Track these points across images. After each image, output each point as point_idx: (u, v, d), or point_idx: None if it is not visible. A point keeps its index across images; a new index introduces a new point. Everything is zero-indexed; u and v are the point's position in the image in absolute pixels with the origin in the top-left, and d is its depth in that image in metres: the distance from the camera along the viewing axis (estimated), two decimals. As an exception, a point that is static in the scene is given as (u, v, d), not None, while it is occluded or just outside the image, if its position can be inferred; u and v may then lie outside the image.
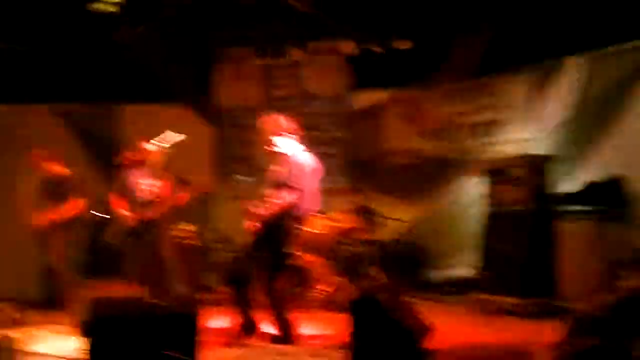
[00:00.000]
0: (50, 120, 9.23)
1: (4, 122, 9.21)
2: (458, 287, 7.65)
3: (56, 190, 6.83)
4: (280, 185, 5.08)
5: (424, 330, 4.54)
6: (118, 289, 6.10)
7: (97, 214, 5.88)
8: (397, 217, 8.15)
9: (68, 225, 6.83)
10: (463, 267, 7.86)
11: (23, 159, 6.73)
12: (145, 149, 6.22)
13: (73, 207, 6.70)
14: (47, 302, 6.74)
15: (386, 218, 7.89)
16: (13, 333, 5.31)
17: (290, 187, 5.01)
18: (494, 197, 6.97)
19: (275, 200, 5.04)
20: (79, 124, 9.38)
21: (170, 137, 5.24)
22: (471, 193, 8.02)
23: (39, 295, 7.00)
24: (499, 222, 6.78)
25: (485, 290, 6.78)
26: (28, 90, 8.93)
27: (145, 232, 6.46)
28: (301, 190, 5.06)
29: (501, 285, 6.54)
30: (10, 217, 6.62)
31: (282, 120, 5.32)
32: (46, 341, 5.10)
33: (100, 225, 6.87)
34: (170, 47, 9.14)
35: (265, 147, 5.23)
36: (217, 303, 7.12)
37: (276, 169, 5.17)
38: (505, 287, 6.49)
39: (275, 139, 5.19)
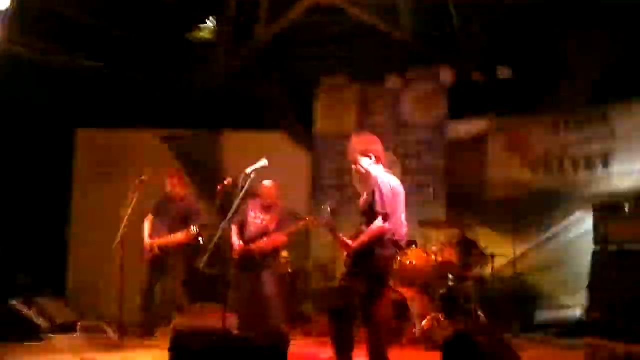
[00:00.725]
0: (157, 145, 9.62)
1: (114, 144, 9.68)
2: (567, 330, 7.17)
3: (176, 211, 7.04)
4: (369, 211, 4.89)
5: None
6: (213, 318, 6.10)
7: (203, 241, 5.97)
8: (500, 253, 7.76)
9: (184, 250, 7.02)
10: (572, 308, 7.40)
11: (132, 181, 6.91)
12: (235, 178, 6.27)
13: (189, 233, 6.85)
14: (147, 327, 6.84)
15: (488, 253, 7.52)
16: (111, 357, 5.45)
17: (379, 214, 4.83)
18: (605, 234, 6.54)
19: (364, 229, 4.88)
20: (184, 149, 9.71)
21: (260, 163, 5.21)
22: (581, 229, 7.58)
23: (139, 319, 7.10)
24: (610, 260, 6.34)
25: (596, 334, 6.31)
26: (137, 115, 9.36)
27: (251, 263, 6.54)
28: (391, 215, 4.86)
29: (614, 329, 6.07)
30: (115, 237, 6.81)
31: (372, 140, 5.14)
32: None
33: (205, 252, 6.99)
34: (271, 74, 9.28)
35: (353, 167, 5.06)
36: (313, 333, 7.14)
37: (365, 196, 5.01)
38: (619, 331, 6.02)
39: (362, 159, 5.00)
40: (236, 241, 6.66)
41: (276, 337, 4.26)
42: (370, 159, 5.04)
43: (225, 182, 5.70)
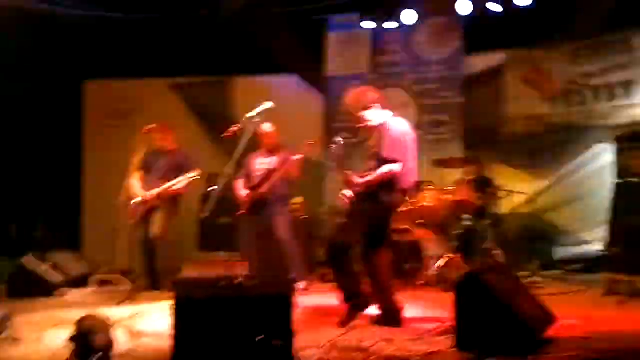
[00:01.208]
0: (166, 94, 9.59)
1: (123, 95, 9.60)
2: (586, 266, 7.06)
3: (164, 165, 6.95)
4: (378, 158, 4.75)
5: (542, 316, 4.15)
6: (221, 267, 6.06)
7: (211, 188, 5.87)
8: (518, 190, 7.60)
9: (174, 200, 6.95)
10: (592, 244, 7.25)
11: (138, 132, 6.83)
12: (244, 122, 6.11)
13: (181, 182, 6.77)
14: (150, 278, 6.82)
15: (506, 190, 7.36)
16: (121, 310, 5.46)
17: (387, 160, 4.69)
18: (627, 166, 6.28)
19: (372, 173, 4.74)
20: (193, 98, 9.67)
21: (262, 107, 5.04)
22: (601, 162, 7.36)
23: (142, 270, 7.10)
24: (632, 193, 6.11)
25: (616, 270, 6.17)
26: (145, 65, 9.25)
27: (260, 209, 6.43)
28: (400, 161, 4.71)
29: (634, 264, 5.91)
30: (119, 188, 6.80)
31: (367, 92, 4.95)
32: (148, 319, 5.11)
33: (213, 200, 6.95)
34: (279, 16, 9.04)
35: (357, 124, 4.90)
36: (327, 279, 7.09)
37: (372, 143, 4.85)
38: (639, 266, 5.86)
39: (364, 113, 4.84)
40: (242, 192, 6.55)
41: (281, 284, 4.17)
42: (372, 110, 4.85)
43: (234, 129, 5.54)
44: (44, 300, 6.29)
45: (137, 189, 6.89)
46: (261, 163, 6.61)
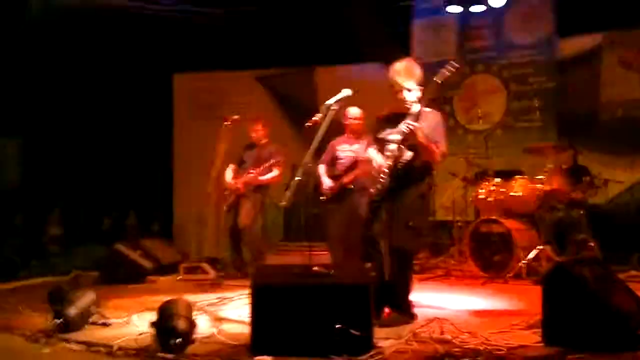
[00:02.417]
0: (252, 86, 9.71)
1: (213, 86, 9.79)
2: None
3: (256, 157, 7.12)
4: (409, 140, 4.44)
5: (636, 311, 3.90)
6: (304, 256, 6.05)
7: (298, 178, 5.89)
8: (616, 179, 7.25)
9: (262, 190, 7.08)
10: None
11: (226, 123, 7.00)
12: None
13: (271, 172, 6.94)
14: (237, 265, 6.96)
15: (602, 179, 7.03)
16: (206, 296, 5.57)
17: (439, 146, 4.51)
18: None
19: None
20: (277, 88, 9.78)
21: (341, 94, 4.97)
22: None
23: (229, 258, 7.25)
24: None
25: None
26: (231, 57, 9.41)
27: (344, 197, 6.40)
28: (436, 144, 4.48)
29: None
30: (208, 179, 6.97)
31: (415, 66, 4.64)
32: (232, 305, 5.19)
33: (292, 190, 7.00)
34: (364, 3, 8.97)
35: (397, 95, 4.53)
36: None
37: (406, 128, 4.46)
38: None
39: (408, 84, 4.48)
40: (326, 181, 6.48)
41: (360, 273, 4.11)
42: (414, 85, 4.53)
43: (315, 119, 5.51)
44: (134, 285, 6.50)
45: (229, 178, 7.14)
46: (346, 150, 6.52)
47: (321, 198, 6.39)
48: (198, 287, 6.24)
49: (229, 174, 7.21)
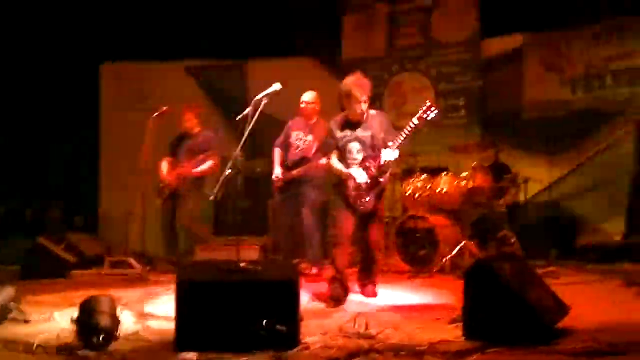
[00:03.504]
0: (182, 77, 9.55)
1: (141, 77, 9.59)
2: (605, 256, 6.89)
3: (189, 147, 6.99)
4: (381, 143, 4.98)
5: (555, 307, 4.05)
6: (231, 251, 6.02)
7: (227, 171, 5.84)
8: (536, 177, 7.47)
9: (200, 181, 6.96)
10: (611, 233, 7.10)
11: (155, 115, 6.86)
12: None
13: (205, 163, 6.84)
14: (171, 261, 6.87)
15: (522, 178, 7.23)
16: (132, 291, 5.47)
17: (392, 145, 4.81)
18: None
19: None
20: (208, 81, 9.66)
21: (271, 88, 5.01)
22: (622, 150, 7.19)
23: (162, 252, 7.17)
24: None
25: (636, 260, 6.05)
26: (161, 47, 9.22)
27: (292, 188, 6.40)
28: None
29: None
30: (138, 172, 6.86)
31: (365, 80, 5.16)
32: (158, 301, 5.12)
33: (221, 183, 6.96)
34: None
35: (361, 104, 5.06)
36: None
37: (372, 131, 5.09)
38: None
39: (363, 97, 5.08)
40: (276, 170, 6.47)
41: (286, 269, 4.13)
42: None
43: (245, 112, 5.48)
44: (57, 280, 6.34)
45: (164, 171, 7.01)
46: (301, 139, 6.48)
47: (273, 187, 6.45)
48: (124, 282, 6.13)
49: (164, 167, 7.06)
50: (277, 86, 5.04)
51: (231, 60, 9.52)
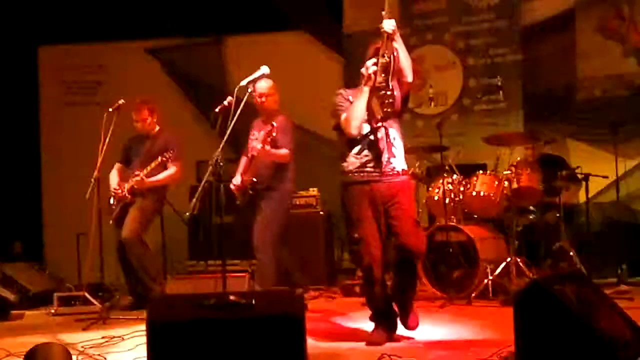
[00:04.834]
0: (142, 61, 9.62)
1: (91, 62, 9.60)
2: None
3: (146, 152, 6.99)
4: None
5: (630, 335, 4.02)
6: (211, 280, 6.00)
7: (205, 179, 5.85)
8: (598, 172, 7.43)
9: (158, 192, 6.96)
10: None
11: (110, 110, 6.83)
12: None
13: (165, 169, 6.83)
14: (134, 296, 6.89)
15: (582, 173, 7.24)
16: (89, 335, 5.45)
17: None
18: None
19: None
20: (177, 64, 9.70)
21: (257, 73, 5.02)
22: None
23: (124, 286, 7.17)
24: None
25: None
26: (115, 24, 9.29)
27: (252, 200, 6.37)
28: None
29: None
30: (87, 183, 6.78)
31: None
32: (122, 346, 5.11)
33: (199, 195, 6.96)
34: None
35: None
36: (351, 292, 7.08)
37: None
38: None
39: None
40: (235, 179, 6.46)
41: (288, 301, 4.06)
42: None
43: (226, 103, 5.48)
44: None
45: (114, 183, 6.99)
46: (255, 138, 6.46)
47: (237, 202, 6.41)
48: (77, 323, 6.11)
49: (113, 177, 7.04)
50: (264, 69, 5.06)
51: (205, 38, 9.54)
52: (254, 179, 6.28)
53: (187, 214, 5.00)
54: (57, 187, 9.40)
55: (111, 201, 6.98)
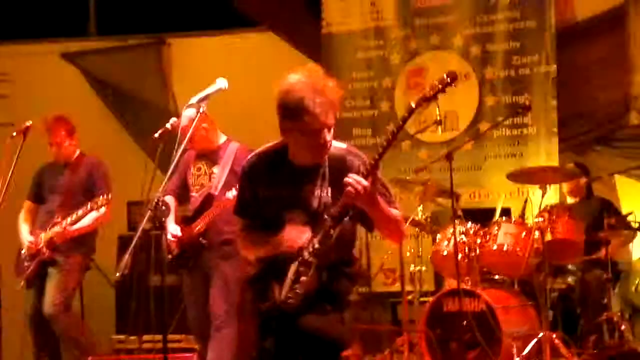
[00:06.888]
0: (57, 67, 9.64)
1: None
2: None
3: (64, 187, 6.99)
4: None
5: None
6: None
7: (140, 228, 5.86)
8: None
9: (86, 243, 6.97)
10: None
11: (13, 134, 6.75)
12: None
13: (92, 211, 6.77)
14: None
15: (637, 222, 7.24)
16: None
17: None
18: None
19: None
20: (102, 71, 9.73)
21: (210, 89, 5.01)
22: None
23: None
24: None
25: None
26: (22, 22, 9.52)
27: (198, 258, 6.37)
28: None
29: None
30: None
31: None
32: None
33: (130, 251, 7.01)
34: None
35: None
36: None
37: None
38: None
39: None
40: (170, 228, 6.36)
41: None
42: None
43: (169, 126, 5.50)
44: None
45: (25, 232, 6.99)
46: (201, 174, 6.48)
47: (167, 257, 6.36)
48: None
49: (24, 223, 7.06)
50: (222, 83, 5.04)
51: (140, 39, 9.66)
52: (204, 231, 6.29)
53: (118, 274, 4.90)
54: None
55: (22, 256, 6.93)
